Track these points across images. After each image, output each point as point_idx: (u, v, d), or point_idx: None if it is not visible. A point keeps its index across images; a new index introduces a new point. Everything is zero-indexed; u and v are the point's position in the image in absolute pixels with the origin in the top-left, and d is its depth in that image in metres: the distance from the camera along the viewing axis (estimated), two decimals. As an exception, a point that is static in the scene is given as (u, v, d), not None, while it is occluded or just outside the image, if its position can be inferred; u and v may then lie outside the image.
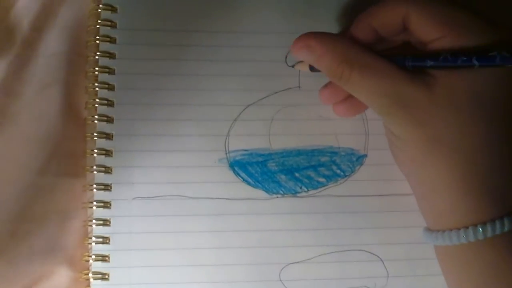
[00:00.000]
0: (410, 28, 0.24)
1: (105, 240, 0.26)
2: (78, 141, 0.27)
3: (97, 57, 0.27)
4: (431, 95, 0.22)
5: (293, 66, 0.28)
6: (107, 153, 0.26)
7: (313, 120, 0.28)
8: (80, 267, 0.26)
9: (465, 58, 0.22)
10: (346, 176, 0.27)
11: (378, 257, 0.27)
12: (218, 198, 0.26)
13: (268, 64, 0.28)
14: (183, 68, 0.28)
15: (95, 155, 0.26)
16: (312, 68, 0.26)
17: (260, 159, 0.27)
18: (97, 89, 0.27)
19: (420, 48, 0.24)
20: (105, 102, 0.27)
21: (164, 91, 0.27)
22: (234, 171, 0.27)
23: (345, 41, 0.24)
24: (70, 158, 0.27)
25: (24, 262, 0.25)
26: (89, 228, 0.26)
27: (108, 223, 0.26)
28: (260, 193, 0.27)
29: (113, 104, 0.27)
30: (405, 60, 0.23)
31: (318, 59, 0.24)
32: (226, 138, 0.27)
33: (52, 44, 0.29)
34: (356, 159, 0.28)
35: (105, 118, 0.27)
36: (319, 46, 0.24)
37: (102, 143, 0.26)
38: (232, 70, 0.28)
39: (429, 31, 0.23)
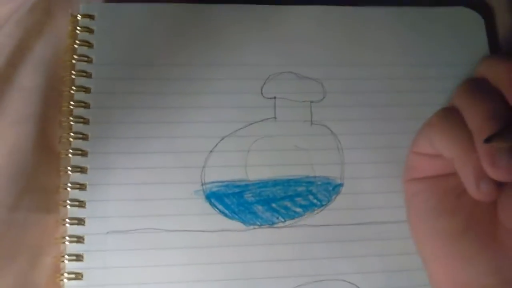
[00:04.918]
0: None
1: (78, 276, 0.25)
2: (52, 175, 0.27)
3: (72, 91, 0.27)
4: None
5: None
6: (81, 187, 0.26)
7: (289, 150, 0.28)
8: (51, 305, 0.25)
9: None
10: (323, 205, 0.27)
11: (356, 286, 0.27)
12: (194, 231, 0.26)
13: (243, 96, 0.29)
14: (159, 101, 0.28)
15: (68, 189, 0.26)
16: None
17: (237, 190, 0.27)
18: (72, 123, 0.27)
19: None
20: (80, 136, 0.27)
21: (139, 124, 0.27)
22: (210, 202, 0.27)
23: None
24: (43, 193, 0.26)
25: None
26: (62, 264, 0.25)
27: (81, 258, 0.25)
28: (237, 224, 0.27)
29: (88, 138, 0.27)
30: None
31: None
32: (202, 170, 0.27)
33: (27, 79, 0.29)
34: (332, 188, 0.28)
35: (80, 152, 0.27)
36: None
37: (76, 177, 0.26)
38: (208, 102, 0.28)
39: None
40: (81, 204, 0.26)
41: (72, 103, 0.27)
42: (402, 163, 0.28)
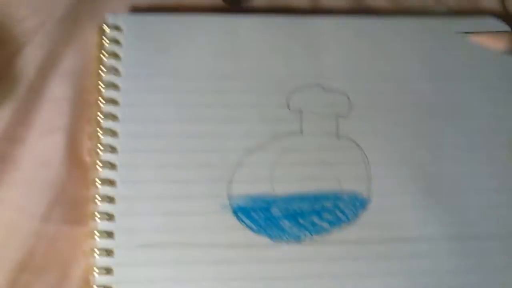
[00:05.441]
0: None
1: (107, 290, 0.25)
2: (81, 187, 0.27)
3: (101, 104, 0.28)
4: None
5: None
6: (110, 200, 0.26)
7: (316, 164, 0.28)
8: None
9: None
10: (349, 221, 0.27)
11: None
12: (222, 245, 0.26)
13: (270, 109, 0.29)
14: (187, 114, 0.28)
15: (98, 202, 0.26)
16: None
17: (264, 204, 0.27)
18: (101, 135, 0.27)
19: None
20: (109, 148, 0.27)
21: (167, 137, 0.27)
22: (237, 217, 0.27)
23: None
24: (73, 205, 0.27)
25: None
26: (91, 277, 0.25)
27: (111, 271, 0.25)
28: (263, 239, 0.27)
29: (116, 151, 0.27)
30: None
31: None
32: (229, 184, 0.27)
33: (57, 89, 0.29)
34: (359, 204, 0.28)
35: (109, 165, 0.27)
36: None
37: (106, 190, 0.26)
38: (235, 115, 0.28)
39: None
40: (110, 217, 0.26)
41: (100, 115, 0.28)
42: (429, 179, 0.28)
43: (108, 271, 0.25)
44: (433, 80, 0.31)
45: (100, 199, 0.26)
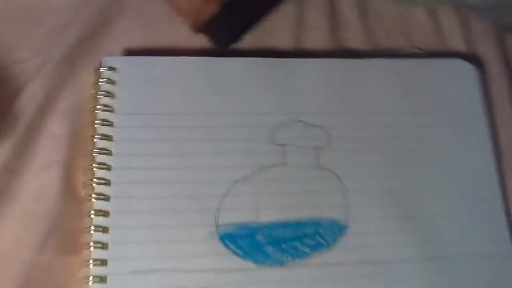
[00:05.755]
0: None
1: (100, 316, 0.27)
2: (76, 219, 0.28)
3: (95, 139, 0.30)
4: None
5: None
6: (104, 229, 0.28)
7: (297, 194, 0.30)
8: None
9: None
10: (329, 245, 0.29)
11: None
12: (210, 270, 0.28)
13: (255, 143, 0.31)
14: (177, 148, 0.30)
15: (92, 232, 0.28)
16: None
17: (249, 231, 0.29)
18: (95, 169, 0.29)
19: None
20: (103, 181, 0.29)
21: (159, 170, 0.29)
22: (224, 244, 0.28)
23: None
24: (68, 235, 0.28)
25: None
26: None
27: None
28: (249, 264, 0.28)
29: (110, 184, 0.29)
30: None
31: None
32: (216, 213, 0.29)
33: (54, 126, 0.31)
34: (338, 230, 0.30)
35: (102, 197, 0.28)
36: None
37: (99, 220, 0.28)
38: (222, 149, 0.30)
39: None
40: (104, 246, 0.27)
41: (95, 150, 0.29)
42: (403, 206, 0.30)
43: (101, 297, 0.27)
44: (406, 115, 0.33)
45: (94, 229, 0.28)
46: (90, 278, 0.27)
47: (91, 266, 0.27)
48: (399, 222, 0.30)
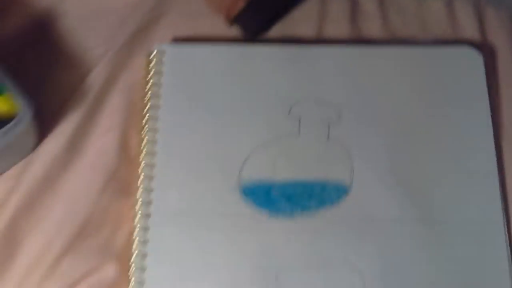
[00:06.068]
0: None
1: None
2: (130, 171, 0.36)
3: (146, 110, 0.37)
4: None
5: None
6: (150, 178, 0.35)
7: (308, 159, 0.36)
8: (125, 264, 0.33)
9: None
10: (333, 203, 0.34)
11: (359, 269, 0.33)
12: (229, 216, 0.34)
13: (275, 118, 0.37)
14: (213, 117, 0.37)
15: (141, 178, 0.35)
16: None
17: (265, 187, 0.35)
18: (145, 132, 0.36)
19: None
20: (151, 142, 0.36)
21: (197, 134, 0.36)
22: (244, 195, 0.34)
23: None
24: (122, 182, 0.36)
25: (85, 258, 0.33)
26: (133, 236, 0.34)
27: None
28: (263, 215, 0.34)
29: (156, 143, 0.36)
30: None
31: None
32: (240, 172, 0.35)
33: (114, 99, 0.38)
34: (342, 190, 0.35)
35: (150, 156, 0.36)
36: None
37: (147, 171, 0.35)
38: (249, 120, 0.37)
39: None
40: (150, 190, 0.35)
41: (145, 118, 0.37)
42: (402, 173, 0.35)
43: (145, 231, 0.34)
44: (413, 96, 0.38)
45: (143, 177, 0.35)
46: (138, 214, 0.34)
47: (139, 205, 0.34)
48: (397, 187, 0.35)
